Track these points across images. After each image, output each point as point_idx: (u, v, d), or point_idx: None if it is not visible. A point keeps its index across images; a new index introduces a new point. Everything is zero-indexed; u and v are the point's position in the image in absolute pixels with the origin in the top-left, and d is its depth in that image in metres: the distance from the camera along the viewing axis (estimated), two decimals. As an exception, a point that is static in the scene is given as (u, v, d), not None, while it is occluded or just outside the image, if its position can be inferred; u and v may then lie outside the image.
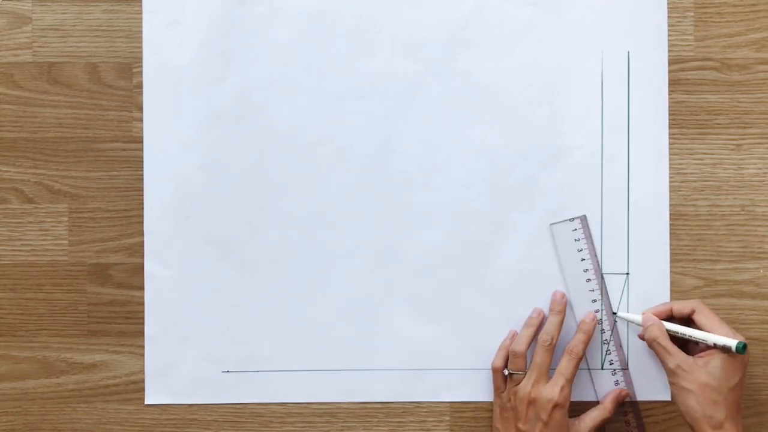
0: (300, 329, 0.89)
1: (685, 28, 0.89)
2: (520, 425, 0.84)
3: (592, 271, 0.88)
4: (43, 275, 0.89)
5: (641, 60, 0.89)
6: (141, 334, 0.89)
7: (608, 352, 0.88)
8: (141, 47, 0.89)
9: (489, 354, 0.88)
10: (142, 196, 0.89)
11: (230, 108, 0.89)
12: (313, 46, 0.89)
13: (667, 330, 0.84)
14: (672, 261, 0.89)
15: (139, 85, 0.89)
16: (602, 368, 0.89)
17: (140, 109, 0.89)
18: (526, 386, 0.84)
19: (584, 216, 0.89)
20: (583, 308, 0.88)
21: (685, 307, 0.85)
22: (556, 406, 0.83)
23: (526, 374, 0.85)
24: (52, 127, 0.89)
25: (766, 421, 0.89)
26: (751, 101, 0.89)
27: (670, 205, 0.89)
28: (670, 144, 0.89)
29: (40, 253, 0.89)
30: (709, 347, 0.82)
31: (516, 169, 0.89)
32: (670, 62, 0.89)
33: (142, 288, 0.89)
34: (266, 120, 0.89)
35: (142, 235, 0.89)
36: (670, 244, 0.89)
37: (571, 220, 0.89)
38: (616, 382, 0.88)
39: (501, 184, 0.89)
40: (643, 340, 0.86)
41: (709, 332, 0.82)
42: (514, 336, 0.88)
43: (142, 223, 0.89)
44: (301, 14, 0.89)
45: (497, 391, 0.87)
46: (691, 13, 0.89)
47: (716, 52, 0.89)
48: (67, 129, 0.89)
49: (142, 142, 0.89)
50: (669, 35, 0.89)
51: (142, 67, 0.89)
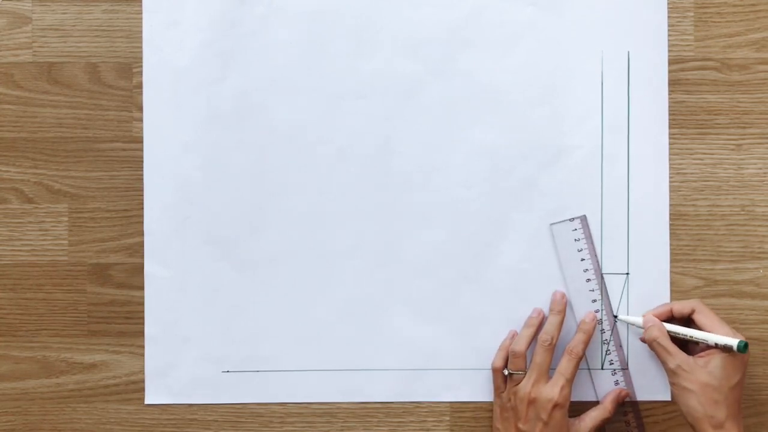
0: (300, 329, 0.89)
1: (685, 28, 0.89)
2: (520, 425, 0.84)
3: (592, 271, 0.88)
4: (43, 275, 0.89)
5: (641, 60, 0.89)
6: (141, 334, 0.89)
7: (608, 352, 0.88)
8: (141, 47, 0.89)
9: (489, 354, 0.88)
10: (142, 196, 0.89)
11: (230, 108, 0.89)
12: (313, 46, 0.89)
13: (668, 331, 0.84)
14: (672, 261, 0.89)
15: (139, 85, 0.89)
16: (602, 368, 0.89)
17: (140, 109, 0.89)
18: (526, 386, 0.84)
19: (584, 216, 0.89)
20: (583, 308, 0.88)
21: (684, 308, 0.85)
22: (556, 405, 0.83)
23: (526, 374, 0.85)
24: (52, 127, 0.89)
25: (766, 421, 0.89)
26: (751, 101, 0.89)
27: (670, 205, 0.89)
28: (670, 144, 0.89)
29: (40, 253, 0.89)
30: (709, 347, 0.82)
31: (516, 169, 0.89)
32: (670, 62, 0.89)
33: (142, 288, 0.89)
34: (266, 120, 0.89)
35: (142, 235, 0.89)
36: (670, 244, 0.89)
37: (571, 220, 0.89)
38: (616, 382, 0.88)
39: (501, 184, 0.89)
40: (645, 343, 0.85)
41: (709, 332, 0.82)
42: (514, 336, 0.88)
43: (142, 223, 0.89)
44: (301, 14, 0.89)
45: (497, 391, 0.87)
46: (691, 13, 0.89)
47: (716, 52, 0.89)
48: (67, 129, 0.89)
49: (142, 142, 0.89)
50: (669, 35, 0.89)
51: (142, 67, 0.89)
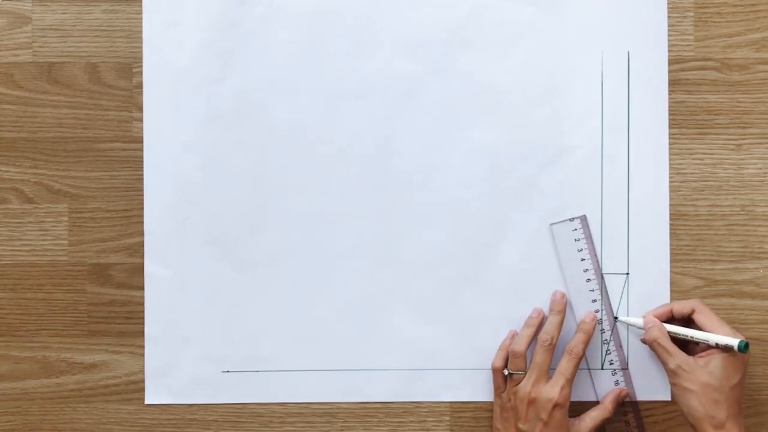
0: (300, 329, 0.89)
1: (685, 28, 0.89)
2: (520, 425, 0.84)
3: (592, 271, 0.88)
4: (43, 275, 0.89)
5: (641, 60, 0.89)
6: (141, 334, 0.89)
7: (608, 352, 0.88)
8: (141, 47, 0.89)
9: (489, 354, 0.88)
10: (142, 196, 0.89)
11: (230, 108, 0.89)
12: (313, 46, 0.89)
13: (668, 332, 0.84)
14: (672, 261, 0.89)
15: (139, 85, 0.89)
16: (602, 368, 0.89)
17: (140, 109, 0.89)
18: (526, 386, 0.84)
19: (584, 216, 0.89)
20: (583, 308, 0.88)
21: (684, 308, 0.85)
22: (556, 405, 0.83)
23: (526, 374, 0.85)
24: (52, 127, 0.89)
25: (766, 421, 0.89)
26: (751, 101, 0.89)
27: (670, 205, 0.89)
28: (670, 144, 0.89)
29: (40, 253, 0.89)
30: (709, 347, 0.82)
31: (516, 169, 0.89)
32: (670, 62, 0.89)
33: (142, 288, 0.89)
34: (266, 120, 0.89)
35: (142, 235, 0.89)
36: (670, 244, 0.89)
37: (571, 220, 0.89)
38: (616, 382, 0.88)
39: (501, 184, 0.89)
40: (645, 344, 0.85)
41: (709, 332, 0.82)
42: (514, 336, 0.88)
43: (142, 223, 0.89)
44: (301, 14, 0.89)
45: (497, 391, 0.87)
46: (691, 13, 0.89)
47: (716, 52, 0.89)
48: (67, 129, 0.89)
49: (142, 142, 0.89)
50: (669, 35, 0.89)
51: (142, 67, 0.89)
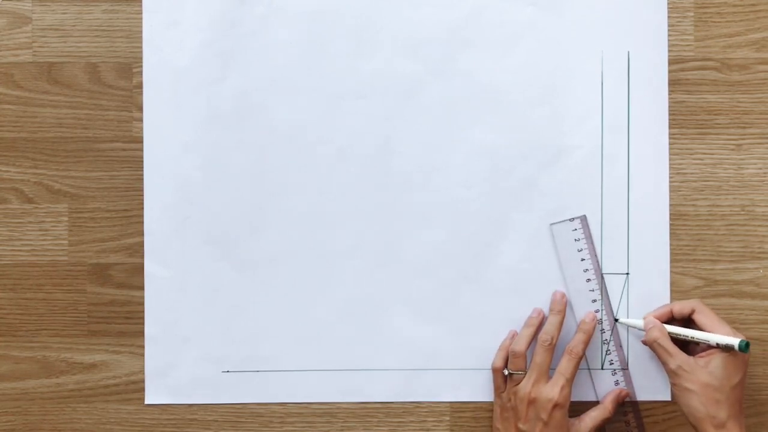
0: (300, 329, 0.89)
1: (685, 28, 0.89)
2: (521, 425, 0.84)
3: (592, 271, 0.88)
4: (43, 275, 0.89)
5: (641, 60, 0.89)
6: (141, 334, 0.89)
7: (608, 352, 0.88)
8: (141, 47, 0.89)
9: (489, 354, 0.88)
10: (142, 196, 0.89)
11: (230, 108, 0.89)
12: (313, 46, 0.89)
13: (669, 332, 0.84)
14: (672, 261, 0.89)
15: (139, 85, 0.89)
16: (602, 368, 0.89)
17: (140, 109, 0.89)
18: (526, 386, 0.84)
19: (584, 216, 0.89)
20: (583, 308, 0.88)
21: (685, 308, 0.85)
22: (556, 405, 0.83)
23: (526, 374, 0.85)
24: (52, 127, 0.89)
25: (766, 421, 0.89)
26: (751, 101, 0.89)
27: (670, 205, 0.89)
28: (670, 144, 0.89)
29: (40, 253, 0.89)
30: (710, 347, 0.82)
31: (516, 169, 0.89)
32: (670, 62, 0.89)
33: (142, 288, 0.89)
34: (266, 120, 0.89)
35: (142, 235, 0.89)
36: (670, 244, 0.89)
37: (571, 220, 0.89)
38: (616, 382, 0.88)
39: (501, 184, 0.89)
40: (646, 345, 0.85)
41: (709, 332, 0.82)
42: (514, 336, 0.88)
43: (142, 223, 0.89)
44: (301, 14, 0.89)
45: (497, 391, 0.87)
46: (691, 13, 0.89)
47: (716, 52, 0.89)
48: (67, 129, 0.89)
49: (142, 142, 0.89)
50: (669, 35, 0.89)
51: (142, 67, 0.89)
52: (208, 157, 0.89)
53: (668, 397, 0.88)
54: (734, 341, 0.80)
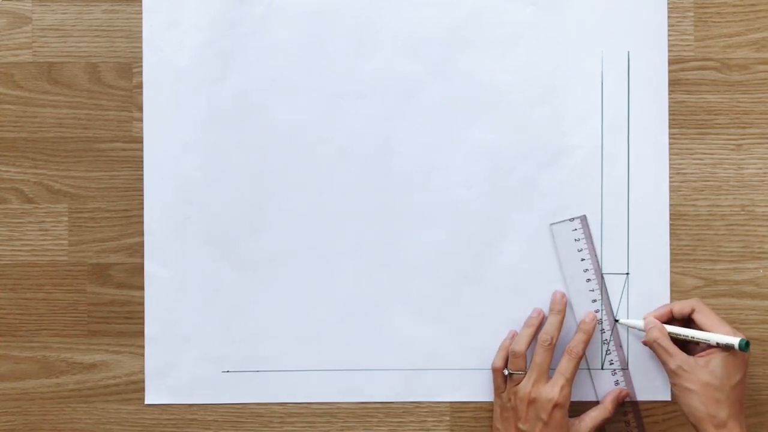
0: (300, 329, 0.89)
1: (685, 28, 0.89)
2: (521, 425, 0.84)
3: (592, 271, 0.88)
4: (43, 275, 0.89)
5: (641, 60, 0.89)
6: (141, 334, 0.89)
7: (608, 352, 0.88)
8: (141, 47, 0.89)
9: (489, 354, 0.88)
10: (142, 196, 0.89)
11: (230, 108, 0.89)
12: (313, 46, 0.89)
13: (669, 332, 0.84)
14: (672, 261, 0.89)
15: (139, 85, 0.89)
16: (602, 368, 0.89)
17: (140, 109, 0.89)
18: (526, 386, 0.84)
19: (584, 216, 0.89)
20: (583, 308, 0.88)
21: (684, 308, 0.85)
22: (556, 405, 0.83)
23: (526, 374, 0.85)
24: (52, 127, 0.89)
25: (766, 421, 0.89)
26: (751, 101, 0.89)
27: (670, 205, 0.89)
28: (670, 144, 0.89)
29: (40, 253, 0.89)
30: (710, 346, 0.82)
31: (516, 169, 0.89)
32: (670, 62, 0.89)
33: (142, 288, 0.89)
34: (266, 120, 0.89)
35: (142, 235, 0.89)
36: (670, 244, 0.89)
37: (571, 220, 0.89)
38: (616, 382, 0.88)
39: (501, 184, 0.89)
40: (646, 345, 0.85)
41: (709, 331, 0.82)
42: (514, 336, 0.88)
43: (142, 223, 0.89)
44: (301, 14, 0.89)
45: (497, 391, 0.87)
46: (691, 13, 0.89)
47: (716, 52, 0.89)
48: (67, 129, 0.89)
49: (142, 142, 0.89)
50: (669, 35, 0.89)
51: (142, 67, 0.89)
52: (208, 157, 0.89)
53: (668, 397, 0.88)
54: (734, 340, 0.80)
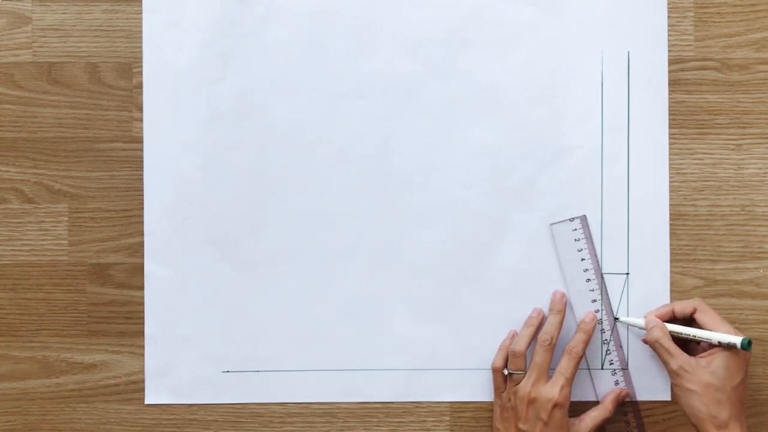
0: (300, 329, 0.89)
1: (685, 28, 0.89)
2: (521, 425, 0.84)
3: (592, 271, 0.88)
4: (43, 275, 0.89)
5: (641, 60, 0.89)
6: (141, 334, 0.89)
7: (608, 352, 0.88)
8: (141, 47, 0.89)
9: (489, 354, 0.88)
10: (142, 196, 0.89)
11: (230, 108, 0.89)
12: (313, 46, 0.89)
13: (670, 331, 0.84)
14: (672, 261, 0.89)
15: (139, 85, 0.89)
16: (602, 368, 0.89)
17: (140, 109, 0.89)
18: (526, 386, 0.84)
19: (584, 216, 0.89)
20: (583, 308, 0.88)
21: (686, 307, 0.85)
22: (556, 405, 0.83)
23: (526, 374, 0.85)
24: (52, 127, 0.89)
25: (766, 421, 0.89)
26: (751, 101, 0.89)
27: (670, 205, 0.89)
28: (670, 144, 0.89)
29: (40, 253, 0.89)
30: (712, 346, 0.82)
31: (516, 169, 0.89)
32: (670, 62, 0.89)
33: (142, 288, 0.89)
34: (266, 120, 0.89)
35: (142, 235, 0.89)
36: (670, 244, 0.89)
37: (571, 220, 0.89)
38: (616, 382, 0.88)
39: (501, 184, 0.89)
40: (647, 344, 0.85)
41: (711, 331, 0.82)
42: (514, 336, 0.88)
43: (142, 223, 0.89)
44: (301, 14, 0.89)
45: (497, 391, 0.87)
46: (691, 13, 0.89)
47: (716, 52, 0.89)
48: (67, 129, 0.89)
49: (142, 142, 0.89)
50: (669, 35, 0.89)
51: (142, 67, 0.89)
52: (208, 157, 0.89)
53: (668, 397, 0.88)
54: (736, 339, 0.80)
